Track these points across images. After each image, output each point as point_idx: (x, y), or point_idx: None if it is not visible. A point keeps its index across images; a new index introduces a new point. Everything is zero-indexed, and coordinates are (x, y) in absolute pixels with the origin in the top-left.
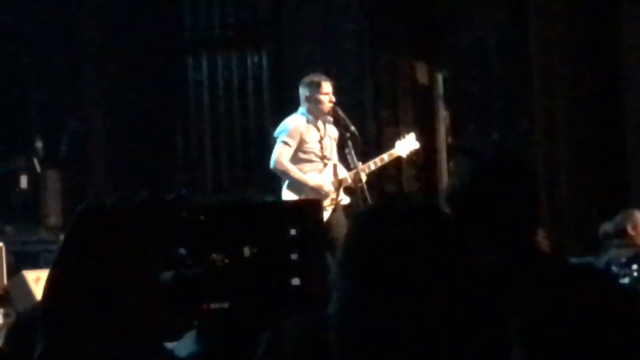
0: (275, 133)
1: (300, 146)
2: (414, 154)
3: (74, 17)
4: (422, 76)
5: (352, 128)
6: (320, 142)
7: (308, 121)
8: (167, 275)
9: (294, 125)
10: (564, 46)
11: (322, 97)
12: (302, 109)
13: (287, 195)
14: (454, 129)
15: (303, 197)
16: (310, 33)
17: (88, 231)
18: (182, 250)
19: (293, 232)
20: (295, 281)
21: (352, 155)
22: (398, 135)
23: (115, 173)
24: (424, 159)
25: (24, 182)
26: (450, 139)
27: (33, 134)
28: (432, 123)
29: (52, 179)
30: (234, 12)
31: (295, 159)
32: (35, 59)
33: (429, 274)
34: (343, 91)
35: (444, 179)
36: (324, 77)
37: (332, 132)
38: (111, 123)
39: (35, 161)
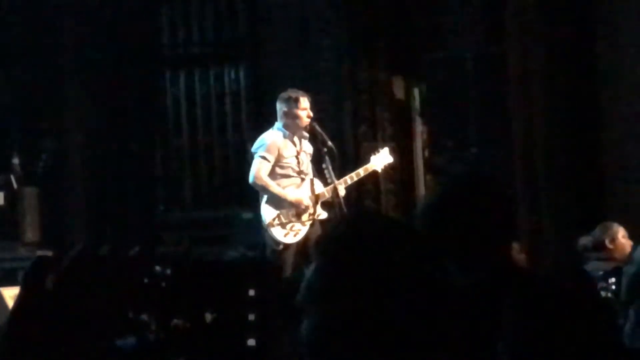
0: (253, 148)
1: (278, 161)
2: (391, 168)
3: (53, 34)
4: (399, 91)
5: (330, 143)
6: (297, 157)
7: (285, 136)
8: (129, 341)
9: (272, 141)
10: (541, 61)
11: (300, 113)
12: (279, 124)
13: (266, 210)
14: (432, 144)
15: (283, 212)
16: (288, 49)
17: (41, 286)
18: (144, 316)
19: (252, 292)
20: (251, 342)
21: (329, 171)
22: (376, 150)
23: (94, 189)
24: (402, 173)
25: (0, 198)
26: (427, 154)
27: (11, 151)
28: (409, 138)
29: (30, 195)
30: (212, 29)
31: (273, 174)
32: (14, 77)
33: (403, 291)
34: (321, 107)
35: (422, 194)
36: (301, 92)
37: (308, 147)
38: (90, 139)
39: (13, 178)
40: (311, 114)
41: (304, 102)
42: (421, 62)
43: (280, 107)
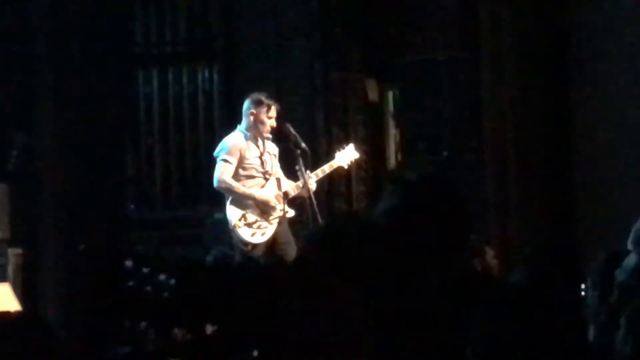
0: (215, 152)
1: (241, 163)
2: (364, 170)
3: (24, 29)
4: (372, 94)
5: (303, 145)
6: (260, 157)
7: (246, 138)
8: (124, 349)
9: (233, 143)
10: (513, 65)
11: (267, 120)
12: (242, 125)
13: (231, 211)
14: (404, 147)
15: (249, 212)
16: (262, 49)
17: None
18: (143, 325)
19: (258, 300)
20: (255, 353)
21: (302, 172)
22: (341, 147)
23: (65, 187)
24: (374, 176)
25: None
26: (400, 157)
27: None
28: (382, 140)
29: (0, 192)
30: (185, 28)
31: (237, 176)
32: None
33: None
34: (294, 108)
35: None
36: (273, 100)
37: (272, 148)
38: (60, 136)
39: None
40: (275, 124)
41: (274, 111)
42: (394, 65)
43: (248, 107)
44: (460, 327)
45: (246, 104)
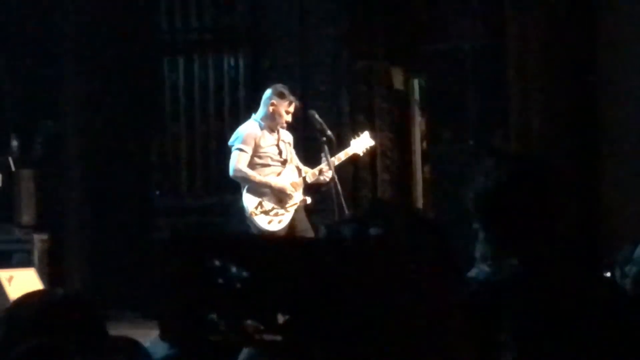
0: (230, 142)
1: (256, 151)
2: (388, 158)
3: (51, 17)
4: (398, 82)
5: (329, 133)
6: (276, 145)
7: (261, 127)
8: (195, 342)
9: (248, 132)
10: (540, 53)
11: (285, 114)
12: (257, 115)
13: (248, 199)
14: (429, 135)
15: (265, 199)
16: (288, 37)
17: None
18: (212, 316)
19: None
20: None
21: (328, 160)
22: (356, 134)
23: (90, 173)
24: (399, 164)
25: None
26: (425, 145)
27: (8, 133)
28: (407, 129)
29: (27, 178)
30: (211, 15)
31: (252, 165)
32: (12, 58)
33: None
34: (319, 96)
35: (419, 185)
36: (294, 97)
37: (287, 136)
38: (86, 123)
39: (10, 160)
40: (290, 120)
41: (293, 107)
42: (420, 53)
43: (270, 96)
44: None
45: (268, 93)
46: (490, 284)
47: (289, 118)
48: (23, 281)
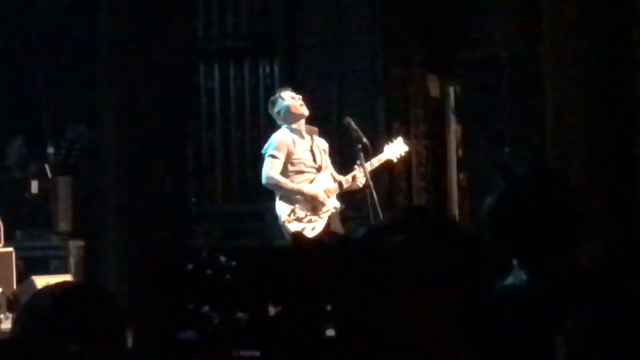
0: (263, 150)
1: (289, 158)
2: (424, 166)
3: (88, 25)
4: (434, 89)
5: (365, 140)
6: (310, 151)
7: (293, 133)
8: (189, 334)
9: (280, 139)
10: (576, 61)
11: (289, 102)
12: (282, 125)
13: (280, 206)
14: (465, 142)
15: (298, 207)
16: (324, 44)
17: None
18: (205, 309)
19: (326, 280)
20: (330, 332)
21: (363, 166)
22: (390, 140)
23: (126, 180)
24: (434, 171)
25: (34, 187)
26: (460, 152)
27: (45, 140)
28: (443, 136)
29: (64, 185)
30: (247, 22)
31: (285, 172)
32: (49, 65)
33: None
34: (355, 103)
35: (454, 192)
36: (282, 89)
37: (321, 142)
38: (123, 130)
39: (47, 167)
40: (296, 96)
41: (285, 94)
42: (456, 61)
43: (272, 112)
44: (553, 321)
45: (270, 111)
46: (526, 292)
47: (295, 103)
48: None
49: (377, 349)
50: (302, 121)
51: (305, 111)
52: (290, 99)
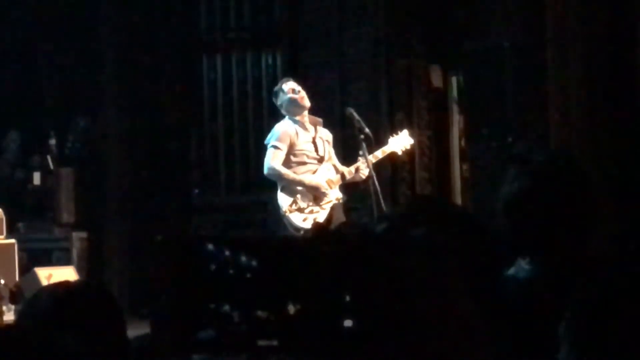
0: (266, 140)
1: (291, 149)
2: (427, 157)
3: (91, 16)
4: (437, 79)
5: (367, 130)
6: (313, 143)
7: (295, 124)
8: (209, 333)
9: (283, 130)
10: (580, 51)
11: (290, 95)
12: (285, 116)
13: (283, 197)
14: (468, 133)
15: (299, 197)
16: (326, 35)
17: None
18: (226, 308)
19: (346, 271)
20: (348, 323)
21: (366, 157)
22: (395, 132)
23: (129, 171)
24: (437, 162)
25: (37, 179)
26: (463, 143)
27: (47, 132)
28: (446, 126)
29: (66, 176)
30: (249, 13)
31: (288, 163)
32: (52, 56)
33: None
34: (358, 93)
35: (457, 183)
36: (282, 80)
37: (324, 134)
38: (126, 121)
39: (49, 159)
40: (299, 88)
41: (288, 84)
42: (459, 51)
43: (276, 102)
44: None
45: (278, 95)
46: (528, 282)
47: (299, 95)
48: (62, 279)
49: (396, 339)
50: (305, 112)
51: (306, 104)
52: (290, 93)
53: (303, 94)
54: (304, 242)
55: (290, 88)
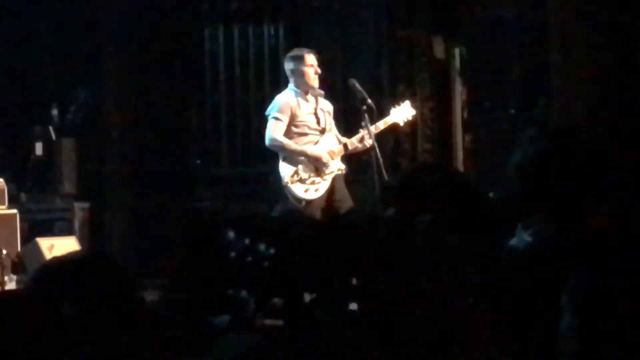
0: (267, 111)
1: (292, 120)
2: (429, 128)
3: None
4: (439, 51)
5: (369, 101)
6: (314, 114)
7: (297, 95)
8: (224, 318)
9: (284, 101)
10: (583, 23)
11: (307, 69)
12: (290, 84)
13: (284, 168)
14: (470, 104)
15: (301, 168)
16: (328, 5)
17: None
18: (243, 294)
19: (353, 256)
20: (353, 306)
21: (368, 128)
22: (397, 103)
23: (130, 142)
24: (439, 133)
25: (39, 149)
26: (465, 114)
27: (49, 102)
28: (448, 98)
29: (67, 146)
30: None
31: (289, 134)
32: (53, 27)
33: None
34: (360, 65)
35: (459, 154)
36: (306, 50)
37: (326, 105)
38: (126, 92)
39: (51, 129)
40: (319, 71)
41: (310, 59)
42: (461, 22)
43: (287, 66)
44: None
45: (285, 64)
46: (530, 253)
47: (312, 71)
48: (64, 249)
49: (400, 321)
50: (310, 90)
51: (315, 84)
52: (308, 67)
53: (317, 74)
54: (319, 228)
55: (311, 62)
